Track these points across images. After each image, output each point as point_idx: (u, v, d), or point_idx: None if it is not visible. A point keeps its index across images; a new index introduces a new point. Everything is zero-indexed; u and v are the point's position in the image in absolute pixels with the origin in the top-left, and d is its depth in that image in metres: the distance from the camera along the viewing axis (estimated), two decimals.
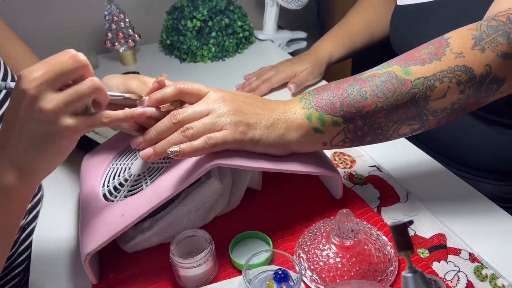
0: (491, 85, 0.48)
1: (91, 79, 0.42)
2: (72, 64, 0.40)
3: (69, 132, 0.41)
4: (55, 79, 0.39)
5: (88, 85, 0.41)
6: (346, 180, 0.64)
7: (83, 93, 0.41)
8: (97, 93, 0.42)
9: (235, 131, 0.47)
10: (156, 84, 0.49)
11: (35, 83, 0.39)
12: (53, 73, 0.39)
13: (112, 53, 1.16)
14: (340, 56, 0.95)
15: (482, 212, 0.57)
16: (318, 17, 1.57)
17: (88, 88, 0.41)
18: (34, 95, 0.39)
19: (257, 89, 0.90)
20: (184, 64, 1.11)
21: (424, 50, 0.49)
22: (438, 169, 0.66)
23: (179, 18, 1.09)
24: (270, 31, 1.21)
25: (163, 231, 0.53)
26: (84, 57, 0.41)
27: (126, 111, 0.45)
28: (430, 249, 0.51)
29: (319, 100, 0.50)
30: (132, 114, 0.46)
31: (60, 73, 0.40)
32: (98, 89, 0.42)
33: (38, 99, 0.39)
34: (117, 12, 1.06)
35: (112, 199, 0.52)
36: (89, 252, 0.46)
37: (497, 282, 0.47)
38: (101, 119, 0.43)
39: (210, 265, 0.49)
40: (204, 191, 0.53)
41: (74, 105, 0.41)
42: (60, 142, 0.41)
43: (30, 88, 0.39)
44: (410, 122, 0.49)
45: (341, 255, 0.47)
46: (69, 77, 0.41)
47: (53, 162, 0.43)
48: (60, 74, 0.40)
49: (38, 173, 0.43)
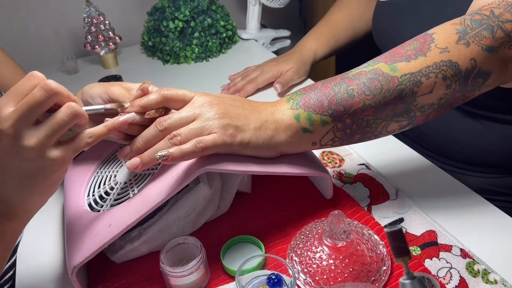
0: (476, 79, 0.48)
1: (68, 106, 0.39)
2: (43, 96, 0.38)
3: (58, 165, 0.40)
4: (28, 115, 0.37)
5: (67, 113, 0.39)
6: (335, 179, 0.63)
7: (63, 122, 0.39)
8: (77, 118, 0.40)
9: (224, 134, 0.46)
10: (140, 92, 0.48)
11: (9, 122, 0.37)
12: (25, 109, 0.37)
13: (92, 56, 1.13)
14: (324, 53, 0.95)
15: (471, 206, 0.57)
16: (300, 14, 1.57)
17: (67, 116, 0.39)
18: (12, 134, 0.37)
19: (242, 89, 0.89)
20: (167, 65, 1.09)
21: (409, 47, 0.49)
22: (426, 165, 0.66)
23: (161, 19, 1.07)
24: (254, 30, 1.20)
25: (152, 239, 0.52)
26: (55, 84, 0.39)
27: (107, 124, 0.43)
28: (421, 247, 0.51)
29: (306, 100, 0.49)
30: (114, 125, 0.44)
31: (32, 107, 0.37)
32: (78, 114, 0.40)
33: (17, 138, 0.37)
34: (96, 14, 1.03)
35: (98, 209, 0.51)
36: (76, 265, 0.45)
37: (489, 277, 0.47)
38: (85, 140, 0.41)
39: (201, 272, 0.48)
40: (193, 197, 0.52)
41: (56, 136, 0.39)
42: (51, 176, 0.40)
43: (5, 128, 0.37)
44: (398, 118, 0.49)
45: (334, 256, 0.47)
46: (43, 108, 0.38)
47: (44, 196, 0.42)
48: (32, 108, 0.37)
49: (29, 210, 0.42)
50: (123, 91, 0.49)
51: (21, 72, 0.79)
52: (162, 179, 0.48)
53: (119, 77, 1.00)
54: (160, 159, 0.44)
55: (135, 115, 0.46)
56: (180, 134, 0.45)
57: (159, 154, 0.44)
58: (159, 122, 0.46)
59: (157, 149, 0.45)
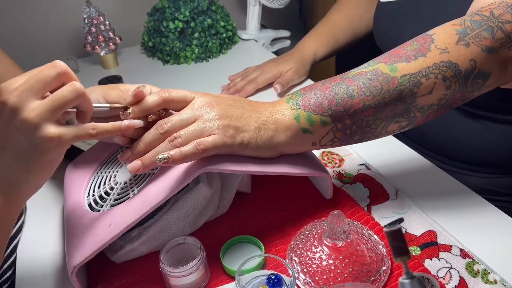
0: (476, 80, 0.48)
1: (72, 84, 0.40)
2: (51, 72, 0.39)
3: (54, 142, 0.39)
4: (36, 87, 0.38)
5: (70, 89, 0.40)
6: (335, 179, 0.63)
7: (66, 98, 0.39)
8: (80, 98, 0.40)
9: (224, 135, 0.46)
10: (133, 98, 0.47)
11: (15, 92, 0.38)
12: (33, 81, 0.38)
13: (92, 56, 1.13)
14: (324, 54, 0.95)
15: (470, 206, 0.57)
16: (300, 15, 1.57)
17: (70, 92, 0.40)
18: (15, 105, 0.37)
19: (242, 90, 0.89)
20: (167, 66, 1.09)
21: (409, 47, 0.49)
22: (426, 166, 0.66)
23: (161, 20, 1.07)
24: (254, 31, 1.20)
25: (152, 239, 0.52)
26: (64, 64, 0.40)
27: (115, 123, 0.44)
28: (421, 247, 0.51)
29: (306, 100, 0.49)
30: (120, 127, 0.44)
31: (40, 80, 0.39)
32: (81, 93, 0.40)
33: (20, 109, 0.38)
34: (96, 14, 1.03)
35: (98, 209, 0.51)
36: (76, 265, 0.45)
37: (489, 277, 0.47)
38: (87, 130, 0.42)
39: (201, 272, 0.48)
40: (193, 197, 0.52)
41: (57, 112, 0.39)
42: (46, 155, 0.40)
43: (11, 97, 0.37)
44: (398, 119, 0.49)
45: (333, 256, 0.47)
46: (50, 84, 0.39)
47: (39, 178, 0.42)
48: (40, 81, 0.39)
49: (23, 191, 0.41)
50: (120, 94, 0.49)
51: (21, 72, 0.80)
52: (162, 179, 0.48)
53: (119, 77, 1.00)
54: (161, 162, 0.44)
55: (141, 122, 0.46)
56: (180, 136, 0.45)
57: (159, 156, 0.44)
58: (159, 125, 0.46)
59: (158, 151, 0.45)
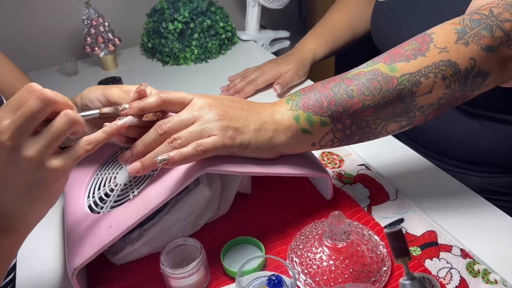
0: (476, 79, 0.48)
1: (65, 114, 0.39)
2: (39, 105, 0.37)
3: (59, 174, 0.39)
4: (26, 125, 0.37)
5: (64, 120, 0.39)
6: (335, 180, 0.63)
7: (61, 130, 0.39)
8: (74, 126, 0.40)
9: (224, 136, 0.46)
10: (137, 94, 0.47)
11: (7, 134, 0.36)
12: (22, 120, 0.37)
13: (92, 58, 1.13)
14: (323, 54, 0.95)
15: (470, 206, 0.57)
16: (299, 15, 1.57)
17: (64, 124, 0.39)
18: (10, 146, 0.37)
19: (242, 90, 0.89)
20: (166, 67, 1.09)
21: (408, 46, 0.49)
22: (426, 166, 0.66)
23: (160, 21, 1.07)
24: (253, 31, 1.20)
25: (153, 241, 0.52)
26: (51, 93, 0.38)
27: (106, 130, 0.43)
28: (421, 247, 0.51)
29: (306, 101, 0.49)
30: (112, 130, 0.43)
31: (29, 118, 0.37)
32: (75, 122, 0.39)
33: (16, 149, 0.37)
34: (95, 16, 1.03)
35: (98, 211, 0.51)
36: (76, 266, 0.45)
37: (489, 277, 0.47)
38: (84, 148, 0.41)
39: (202, 274, 0.48)
40: (193, 198, 0.52)
41: (55, 145, 0.39)
42: (51, 187, 0.40)
43: (4, 140, 0.36)
44: (397, 119, 0.49)
45: (334, 257, 0.47)
46: (39, 118, 0.38)
47: (45, 208, 0.42)
48: (29, 118, 0.37)
49: (29, 222, 0.41)
50: (121, 94, 0.49)
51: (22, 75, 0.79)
52: (162, 180, 0.48)
53: (118, 78, 1.00)
54: (161, 163, 0.43)
55: (133, 119, 0.46)
56: (180, 137, 0.45)
57: (159, 158, 0.43)
58: (158, 125, 0.46)
59: (157, 153, 0.45)
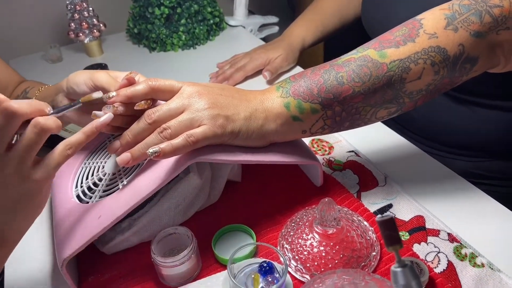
0: (464, 65, 0.48)
1: (35, 124, 0.37)
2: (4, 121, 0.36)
3: (41, 184, 0.39)
4: None
5: (34, 131, 0.37)
6: (325, 166, 0.63)
7: (33, 142, 0.37)
8: (47, 133, 0.38)
9: (214, 125, 0.45)
10: (125, 81, 0.46)
11: None
12: None
13: (76, 44, 1.10)
14: (313, 40, 0.94)
15: (457, 191, 0.58)
16: (288, 1, 1.55)
17: (36, 135, 0.37)
18: None
19: (231, 77, 0.88)
20: (153, 53, 1.07)
21: (398, 32, 0.49)
22: (414, 151, 0.67)
23: (146, 6, 1.04)
24: (241, 17, 1.18)
25: (143, 230, 0.52)
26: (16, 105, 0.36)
27: (86, 130, 0.41)
28: (410, 232, 0.52)
29: (296, 88, 0.49)
30: (93, 129, 0.41)
31: None
32: (46, 130, 0.37)
33: None
34: (79, 0, 1.00)
35: (86, 200, 0.50)
36: (65, 257, 0.44)
37: (476, 261, 0.48)
38: (65, 153, 0.39)
39: (193, 262, 0.48)
40: (183, 187, 0.51)
41: (31, 158, 0.37)
42: (36, 198, 0.39)
43: None
44: (387, 105, 0.49)
45: (324, 243, 0.47)
46: (9, 133, 0.36)
47: (30, 219, 0.41)
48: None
49: (15, 236, 0.41)
50: (109, 79, 0.48)
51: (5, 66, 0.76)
52: (151, 170, 0.48)
53: (104, 65, 0.98)
54: (152, 156, 0.43)
55: (111, 116, 0.44)
56: (170, 127, 0.44)
57: (150, 150, 0.43)
58: (147, 115, 0.45)
59: (147, 143, 0.44)
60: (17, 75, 0.71)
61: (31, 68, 1.02)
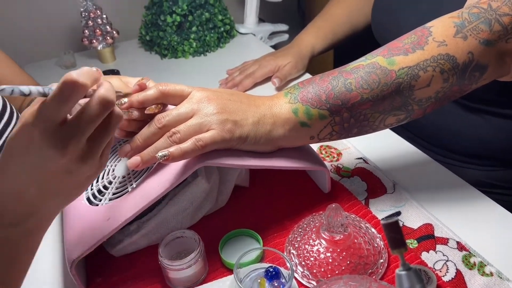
0: (474, 73, 0.48)
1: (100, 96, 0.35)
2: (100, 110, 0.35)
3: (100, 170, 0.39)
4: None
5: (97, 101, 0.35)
6: (333, 173, 0.63)
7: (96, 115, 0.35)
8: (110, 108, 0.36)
9: (223, 130, 0.46)
10: (137, 87, 0.47)
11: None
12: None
13: (90, 51, 1.13)
14: (322, 48, 0.95)
15: (467, 200, 0.57)
16: (298, 8, 1.56)
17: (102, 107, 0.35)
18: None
19: (240, 84, 0.89)
20: (165, 60, 1.08)
21: (407, 40, 0.49)
22: (423, 159, 0.66)
23: (158, 13, 1.06)
24: (251, 25, 1.19)
25: (151, 233, 0.52)
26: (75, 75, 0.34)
27: None
28: (418, 240, 0.52)
29: (304, 94, 0.49)
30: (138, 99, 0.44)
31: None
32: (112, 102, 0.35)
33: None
34: (93, 8, 1.03)
35: (96, 203, 0.51)
36: (74, 258, 0.45)
37: (485, 270, 0.47)
38: None
39: (200, 265, 0.48)
40: (191, 191, 0.52)
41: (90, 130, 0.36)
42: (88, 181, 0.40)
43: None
44: (395, 112, 0.49)
45: (331, 249, 0.47)
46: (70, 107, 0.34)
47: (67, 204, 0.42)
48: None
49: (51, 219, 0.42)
50: (121, 84, 0.49)
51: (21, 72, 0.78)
52: (160, 173, 0.48)
53: (116, 71, 1.00)
54: (161, 159, 0.44)
55: None
56: (179, 131, 0.45)
57: (159, 154, 0.44)
58: (157, 119, 0.46)
59: (157, 147, 0.45)
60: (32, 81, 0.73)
61: (45, 73, 1.04)
